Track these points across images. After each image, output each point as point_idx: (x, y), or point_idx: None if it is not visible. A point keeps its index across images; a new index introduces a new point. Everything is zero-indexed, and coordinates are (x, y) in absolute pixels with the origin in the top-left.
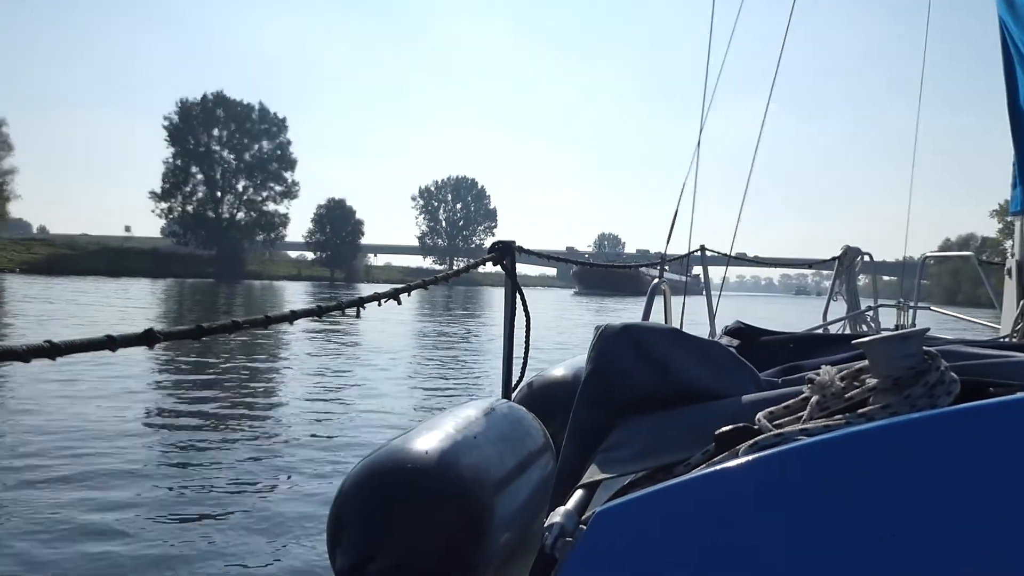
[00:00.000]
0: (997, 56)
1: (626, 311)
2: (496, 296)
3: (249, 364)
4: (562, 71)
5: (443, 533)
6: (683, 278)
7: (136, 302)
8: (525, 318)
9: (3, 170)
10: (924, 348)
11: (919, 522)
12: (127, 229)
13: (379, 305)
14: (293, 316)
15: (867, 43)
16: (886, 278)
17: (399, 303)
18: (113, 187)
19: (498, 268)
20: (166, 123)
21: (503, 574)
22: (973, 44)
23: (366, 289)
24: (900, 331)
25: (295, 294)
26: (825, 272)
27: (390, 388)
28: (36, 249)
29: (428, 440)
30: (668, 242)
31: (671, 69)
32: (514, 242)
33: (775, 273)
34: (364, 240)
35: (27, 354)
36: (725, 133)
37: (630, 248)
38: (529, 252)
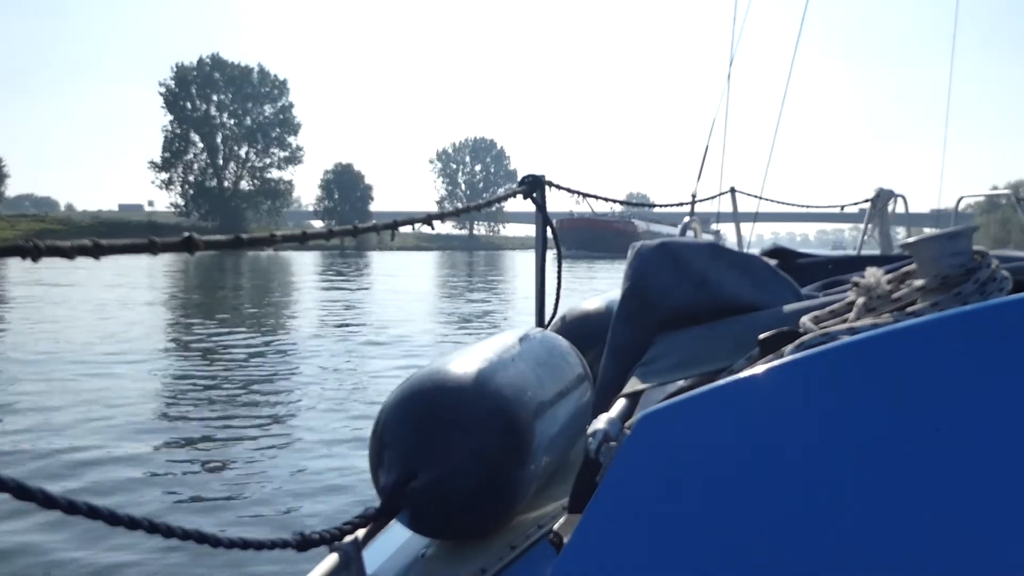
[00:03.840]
0: None
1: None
2: (518, 260)
3: (281, 323)
4: (583, 19)
5: (484, 451)
6: (686, 234)
7: (125, 279)
8: (556, 252)
9: None
10: (974, 248)
11: (973, 414)
12: (150, 204)
13: (397, 233)
14: (330, 234)
15: None
16: (927, 231)
17: (411, 229)
18: (141, 162)
19: (519, 234)
20: (162, 89)
21: (543, 496)
22: None
23: (377, 257)
24: (948, 229)
25: (303, 264)
26: (863, 226)
27: (420, 338)
28: (21, 225)
29: (467, 363)
30: (699, 179)
31: (703, 12)
32: (543, 176)
33: (811, 229)
34: (381, 207)
35: (72, 251)
36: (760, 77)
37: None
38: (559, 187)
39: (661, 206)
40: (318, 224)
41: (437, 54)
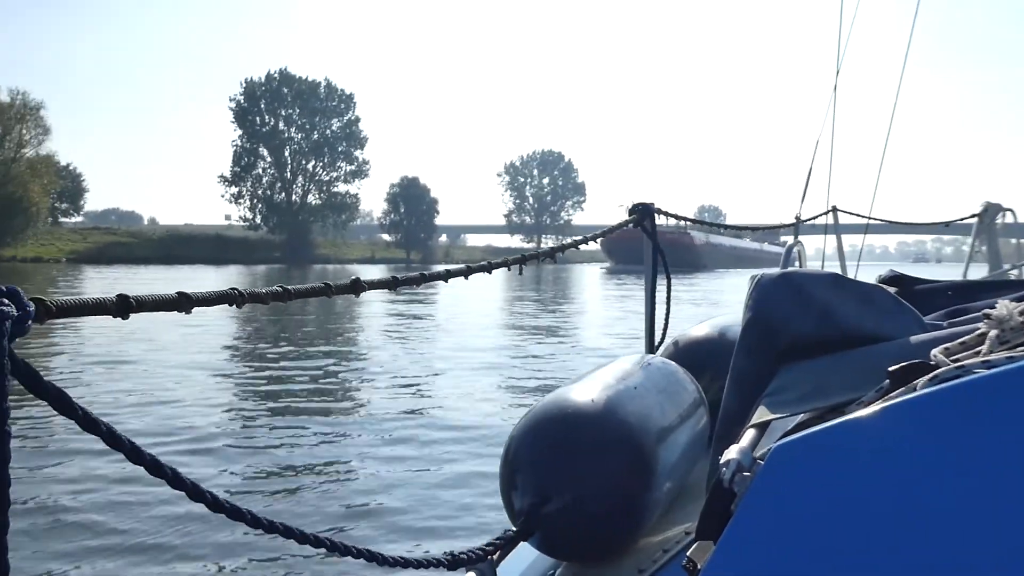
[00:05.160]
0: None
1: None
2: (585, 275)
3: (354, 340)
4: (652, 32)
5: (612, 477)
6: (762, 247)
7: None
8: (666, 279)
9: (40, 155)
10: None
11: None
12: (227, 218)
13: (508, 270)
14: (466, 272)
15: None
16: None
17: (514, 271)
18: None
19: (586, 247)
20: (232, 104)
21: (665, 520)
22: None
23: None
24: None
25: (369, 276)
26: (946, 238)
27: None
28: (93, 238)
29: (591, 390)
30: (803, 201)
31: (771, 22)
32: (653, 204)
33: (891, 240)
34: (447, 220)
35: (267, 297)
36: (858, 86)
37: (731, 219)
38: (669, 214)
39: (764, 228)
40: (386, 237)
41: (504, 66)
